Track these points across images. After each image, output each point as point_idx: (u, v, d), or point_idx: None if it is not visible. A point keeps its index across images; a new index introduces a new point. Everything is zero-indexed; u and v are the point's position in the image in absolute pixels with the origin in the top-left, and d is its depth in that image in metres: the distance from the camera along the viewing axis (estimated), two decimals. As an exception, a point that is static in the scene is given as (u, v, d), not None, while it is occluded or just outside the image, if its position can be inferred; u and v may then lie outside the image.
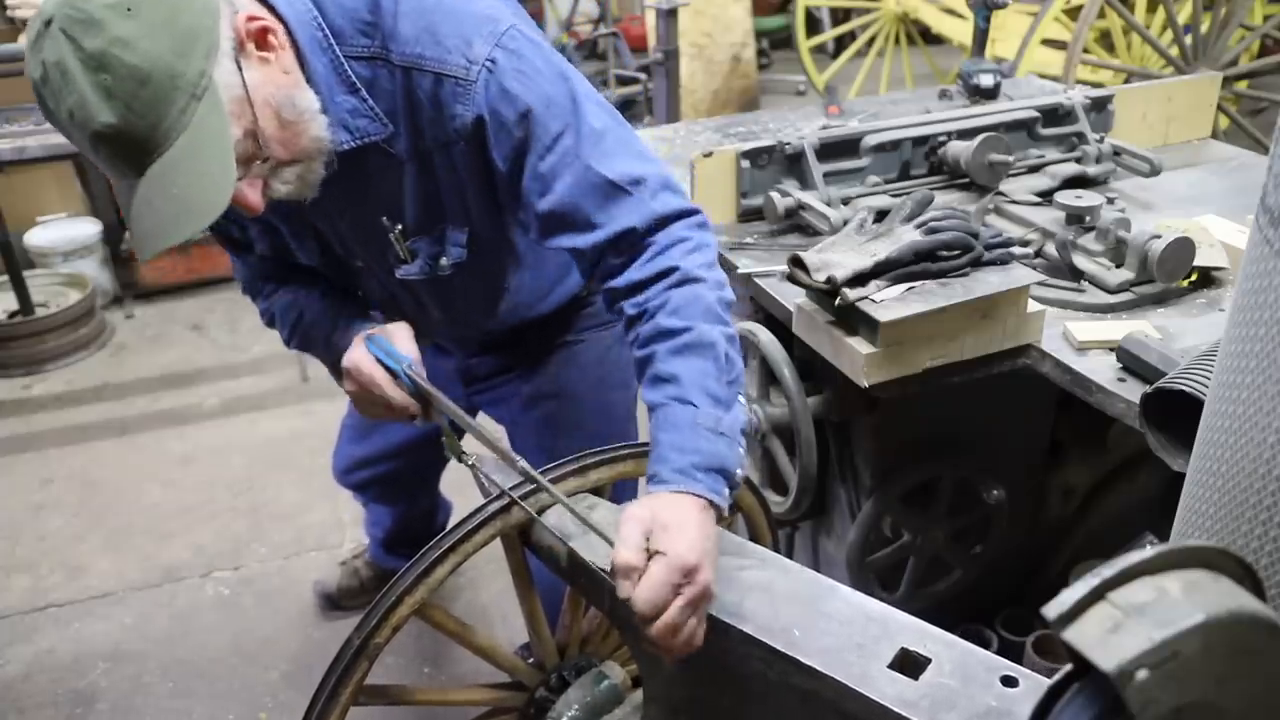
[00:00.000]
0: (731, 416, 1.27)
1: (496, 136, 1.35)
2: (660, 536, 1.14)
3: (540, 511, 1.29)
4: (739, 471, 1.26)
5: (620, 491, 1.50)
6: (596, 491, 1.37)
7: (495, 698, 1.44)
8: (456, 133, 1.36)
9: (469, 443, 1.49)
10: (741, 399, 1.32)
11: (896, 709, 0.93)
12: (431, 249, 1.52)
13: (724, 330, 1.31)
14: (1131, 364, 1.44)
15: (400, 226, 1.48)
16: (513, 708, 1.43)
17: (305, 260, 1.62)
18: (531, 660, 1.44)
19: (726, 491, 1.22)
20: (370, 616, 1.22)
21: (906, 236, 1.54)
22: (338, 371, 1.59)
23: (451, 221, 1.49)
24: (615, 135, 1.42)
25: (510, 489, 1.30)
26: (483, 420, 1.87)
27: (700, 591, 1.12)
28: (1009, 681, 0.95)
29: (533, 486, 1.29)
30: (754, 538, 1.52)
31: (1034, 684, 0.94)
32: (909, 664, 1.00)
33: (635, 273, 1.37)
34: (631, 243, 1.38)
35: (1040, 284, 1.65)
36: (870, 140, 2.03)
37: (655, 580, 1.10)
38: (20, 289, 4.00)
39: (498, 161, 1.38)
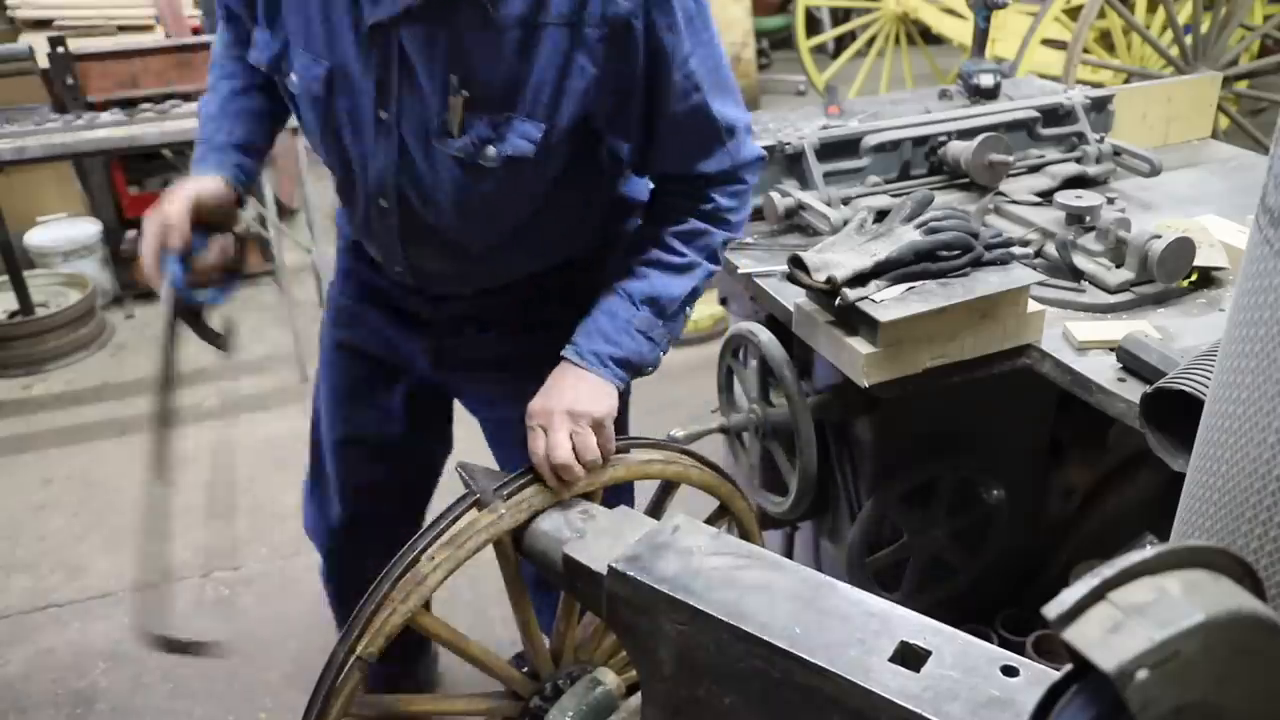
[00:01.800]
0: (665, 326, 1.51)
1: (642, 38, 1.31)
2: (556, 397, 1.42)
3: (532, 517, 1.30)
4: (653, 365, 1.52)
5: (611, 495, 1.51)
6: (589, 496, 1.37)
7: (490, 707, 1.43)
8: (604, 19, 1.28)
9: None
10: (689, 311, 1.54)
11: (900, 702, 0.93)
12: (485, 132, 1.38)
13: (710, 268, 1.53)
14: (1131, 364, 1.44)
15: (466, 94, 1.34)
16: (508, 717, 1.43)
17: (298, 86, 1.45)
18: (526, 669, 1.43)
19: (628, 379, 1.49)
20: (352, 627, 1.22)
21: (906, 236, 1.54)
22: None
23: (527, 112, 1.36)
24: (726, 68, 1.46)
25: (496, 490, 1.32)
26: (462, 421, 1.86)
27: (592, 423, 1.40)
28: (1009, 671, 0.95)
29: (522, 490, 1.30)
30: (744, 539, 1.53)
31: (1034, 674, 0.94)
32: (910, 657, 1.00)
33: (685, 189, 1.50)
34: (707, 181, 1.50)
35: (1040, 284, 1.65)
36: (870, 140, 2.03)
37: (556, 435, 1.37)
38: (20, 289, 4.00)
39: (627, 65, 1.32)
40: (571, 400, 1.42)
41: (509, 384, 1.66)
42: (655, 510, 1.49)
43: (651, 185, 1.57)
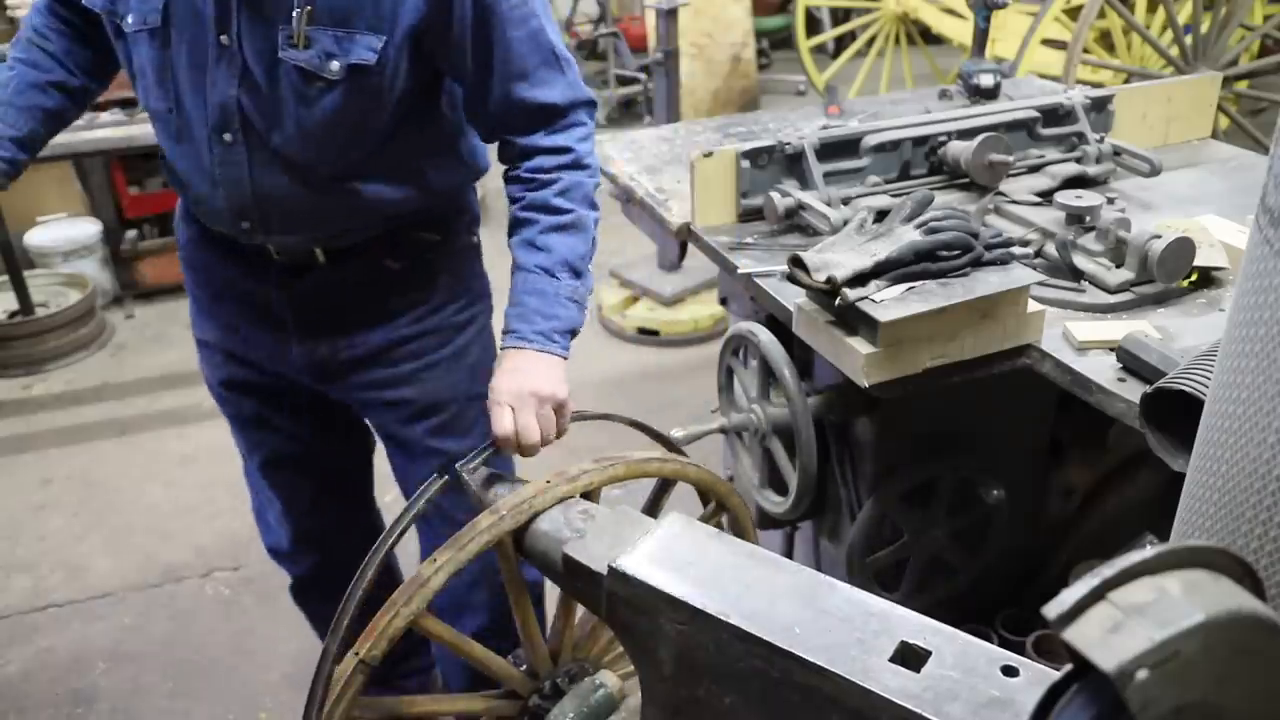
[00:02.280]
0: (584, 285, 1.61)
1: None
2: (495, 376, 1.53)
3: (533, 518, 1.30)
4: (581, 327, 1.62)
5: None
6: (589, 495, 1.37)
7: (490, 706, 1.43)
8: None
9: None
10: (592, 268, 1.63)
11: (900, 702, 0.93)
12: (329, 45, 1.43)
13: (595, 215, 1.63)
14: (1131, 364, 1.44)
15: (310, 7, 1.40)
16: (508, 716, 1.44)
17: (133, 23, 1.47)
18: (524, 668, 1.44)
19: (570, 345, 1.59)
20: (366, 635, 1.22)
21: (906, 236, 1.54)
22: None
23: (367, 25, 1.43)
24: (549, 6, 1.55)
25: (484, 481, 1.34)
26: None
27: (555, 405, 1.53)
28: (1009, 671, 0.95)
29: (525, 495, 1.30)
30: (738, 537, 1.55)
31: (1035, 674, 0.94)
32: (910, 657, 1.00)
33: (540, 140, 1.58)
34: (549, 116, 1.57)
35: (1040, 284, 1.65)
36: (870, 140, 2.03)
37: (495, 417, 1.49)
38: (20, 289, 4.00)
39: None
40: (537, 383, 1.52)
41: (391, 376, 1.74)
42: (653, 507, 1.49)
43: (511, 161, 1.63)
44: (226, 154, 1.52)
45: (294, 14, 1.40)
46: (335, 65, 1.44)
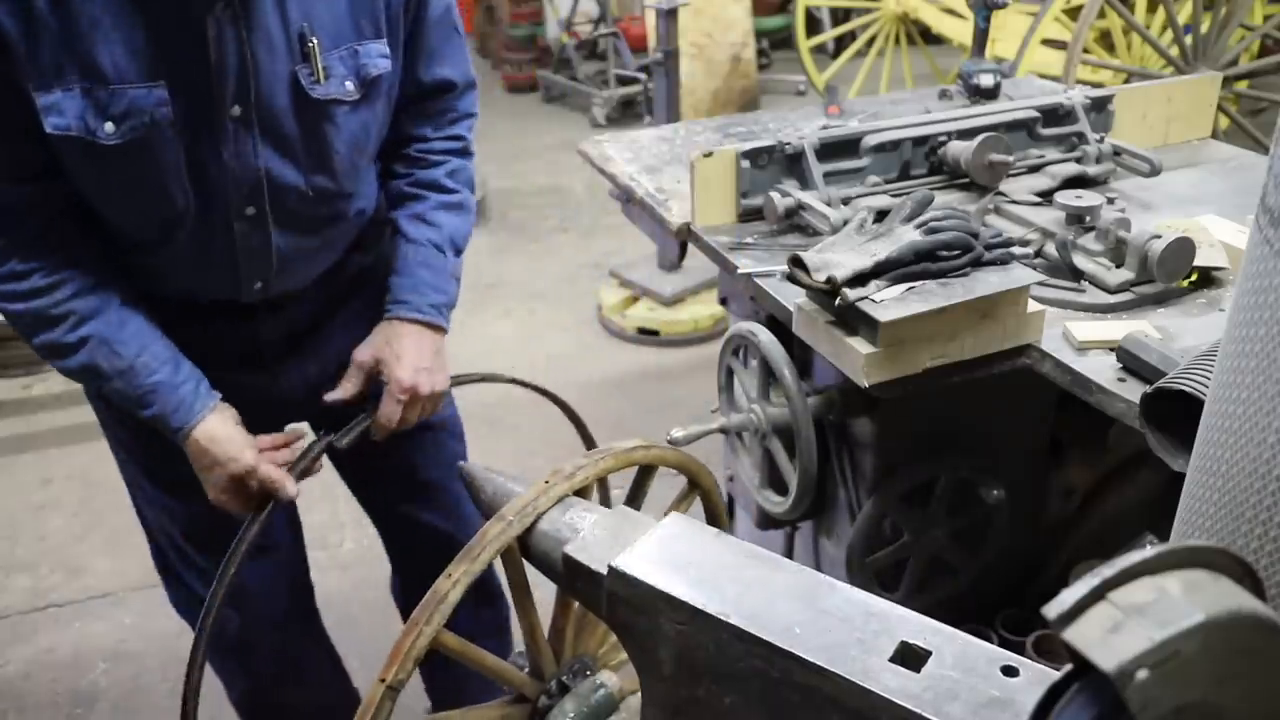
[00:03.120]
0: (460, 262, 1.71)
1: None
2: (394, 365, 1.59)
3: (537, 519, 1.30)
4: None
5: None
6: (582, 493, 1.38)
7: (503, 714, 1.43)
8: None
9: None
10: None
11: (900, 702, 0.93)
12: (345, 67, 1.39)
13: (474, 198, 1.74)
14: (1131, 364, 1.44)
15: (316, 41, 1.34)
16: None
17: (120, 133, 1.23)
18: (527, 669, 1.44)
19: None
20: (392, 659, 1.20)
21: (906, 236, 1.54)
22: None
23: (369, 35, 1.42)
24: None
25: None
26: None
27: (425, 397, 1.62)
28: (1009, 671, 0.95)
29: (528, 499, 1.30)
30: (711, 516, 1.59)
31: (1034, 674, 0.94)
32: (910, 657, 1.00)
33: (432, 127, 1.65)
34: (445, 92, 1.63)
35: (1040, 284, 1.65)
36: (870, 140, 2.03)
37: (388, 408, 1.59)
38: (20, 289, 4.00)
39: None
40: (435, 380, 1.63)
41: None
42: (634, 496, 1.51)
43: (400, 143, 1.66)
44: (248, 229, 1.44)
45: (310, 46, 1.33)
46: (351, 85, 1.40)
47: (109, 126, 1.23)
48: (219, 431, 1.45)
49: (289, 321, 1.65)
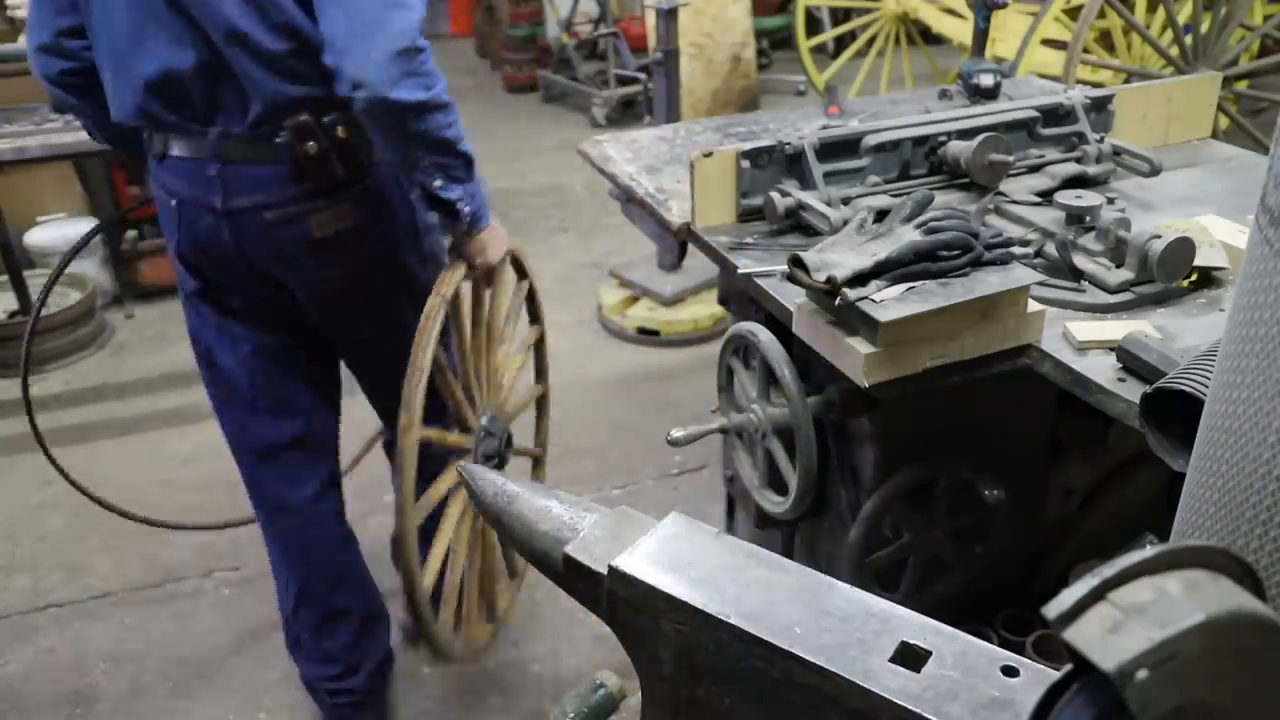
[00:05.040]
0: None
1: None
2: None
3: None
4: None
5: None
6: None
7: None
8: None
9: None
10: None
11: (900, 702, 0.93)
12: None
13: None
14: (1131, 364, 1.44)
15: None
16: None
17: None
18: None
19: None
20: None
21: (906, 236, 1.54)
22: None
23: None
24: None
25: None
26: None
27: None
28: (1010, 672, 0.95)
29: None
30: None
31: (1035, 674, 0.94)
32: (910, 657, 1.00)
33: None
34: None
35: (1040, 284, 1.65)
36: (870, 140, 2.03)
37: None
38: (20, 289, 4.00)
39: None
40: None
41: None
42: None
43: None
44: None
45: None
46: None
47: None
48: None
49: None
